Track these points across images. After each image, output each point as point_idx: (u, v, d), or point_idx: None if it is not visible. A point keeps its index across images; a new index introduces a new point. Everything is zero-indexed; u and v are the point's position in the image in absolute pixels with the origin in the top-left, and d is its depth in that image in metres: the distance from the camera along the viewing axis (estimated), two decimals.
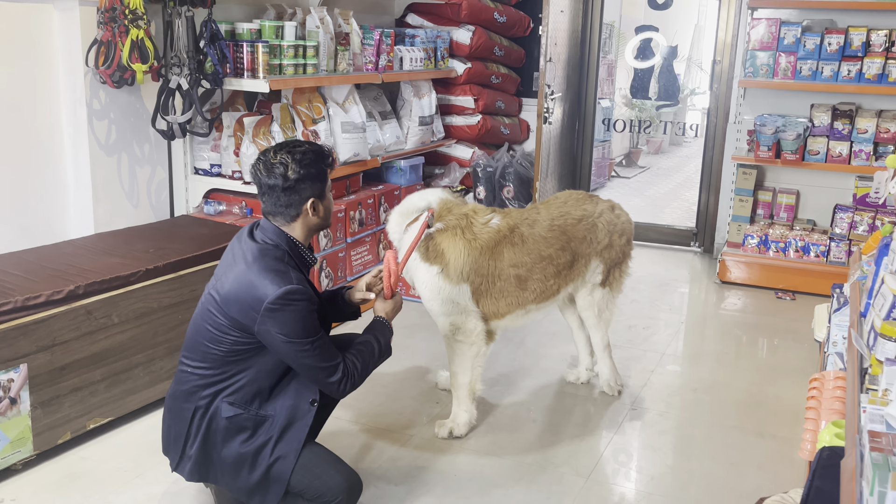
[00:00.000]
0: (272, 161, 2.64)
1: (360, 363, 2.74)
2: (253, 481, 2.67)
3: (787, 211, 5.94)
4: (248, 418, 2.67)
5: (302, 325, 2.55)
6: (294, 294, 2.54)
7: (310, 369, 2.61)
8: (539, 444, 3.49)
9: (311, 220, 2.71)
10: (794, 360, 4.48)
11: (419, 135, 5.68)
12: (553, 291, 3.64)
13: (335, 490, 2.64)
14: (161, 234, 4.03)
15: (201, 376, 2.68)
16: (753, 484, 3.21)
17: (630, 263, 3.91)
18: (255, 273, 2.58)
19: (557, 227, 3.61)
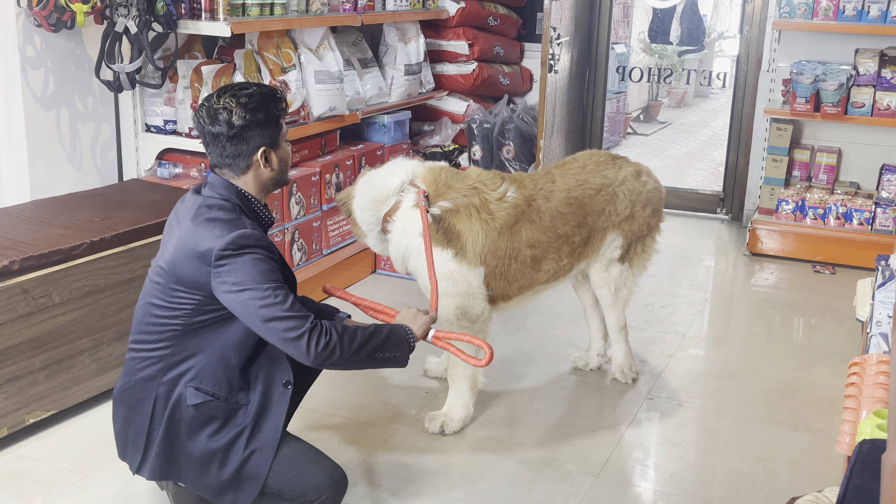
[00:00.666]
0: (215, 106, 2.62)
1: (343, 328, 2.59)
2: (224, 479, 2.68)
3: (827, 172, 5.95)
4: (218, 406, 2.67)
5: (258, 270, 2.51)
6: (246, 239, 2.52)
7: (270, 322, 2.51)
8: (542, 439, 3.52)
9: (264, 172, 2.69)
10: (833, 342, 4.52)
11: (405, 86, 5.65)
12: (565, 271, 3.67)
13: (318, 487, 2.66)
14: (108, 201, 4.02)
15: (159, 358, 2.67)
16: (785, 482, 3.25)
17: (658, 237, 3.91)
18: (199, 226, 2.57)
19: (575, 199, 3.61)
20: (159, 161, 4.49)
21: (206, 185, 2.73)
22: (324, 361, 2.57)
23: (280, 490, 2.68)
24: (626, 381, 3.99)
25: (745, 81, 6.47)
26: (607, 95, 7.18)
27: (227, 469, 2.67)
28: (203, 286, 2.58)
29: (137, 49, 4.02)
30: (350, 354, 2.60)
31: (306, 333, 2.52)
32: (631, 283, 3.88)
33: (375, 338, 2.67)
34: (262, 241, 2.57)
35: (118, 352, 3.67)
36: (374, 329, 2.69)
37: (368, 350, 2.65)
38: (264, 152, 2.67)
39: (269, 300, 2.51)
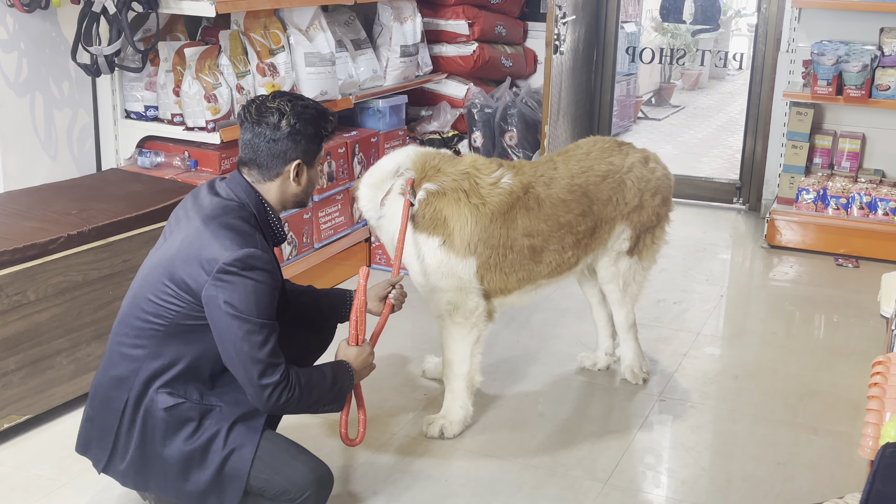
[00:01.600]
0: (269, 104, 2.74)
1: (306, 382, 2.70)
2: (204, 481, 2.71)
3: (851, 159, 5.97)
4: (192, 407, 2.71)
5: (256, 299, 2.58)
6: (256, 260, 2.59)
7: (244, 358, 2.59)
8: (547, 443, 3.54)
9: (291, 186, 2.80)
10: (856, 340, 4.54)
11: (401, 68, 5.66)
12: (570, 264, 3.67)
13: (301, 484, 2.70)
14: (86, 191, 4.03)
15: (135, 358, 2.72)
16: (804, 488, 3.28)
17: (667, 228, 3.94)
18: (212, 230, 2.63)
19: (578, 186, 3.62)
20: (140, 149, 4.50)
21: (223, 182, 2.79)
22: (272, 410, 2.70)
23: (261, 489, 2.71)
24: (637, 382, 4.01)
25: (762, 63, 6.49)
26: (616, 78, 7.20)
27: (207, 471, 2.71)
28: (195, 292, 2.63)
29: (116, 30, 4.02)
30: (302, 403, 2.73)
31: (272, 385, 2.62)
32: (640, 277, 3.91)
33: (328, 393, 2.81)
34: (270, 265, 2.64)
35: (97, 352, 3.69)
36: (330, 382, 2.81)
37: (318, 396, 2.78)
38: (298, 166, 2.77)
39: (253, 336, 2.59)
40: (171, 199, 3.98)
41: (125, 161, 4.50)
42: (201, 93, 4.24)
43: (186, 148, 4.46)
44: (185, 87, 4.25)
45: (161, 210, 3.90)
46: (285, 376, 2.64)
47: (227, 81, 4.36)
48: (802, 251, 5.78)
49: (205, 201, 2.75)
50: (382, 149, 5.44)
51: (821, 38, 5.88)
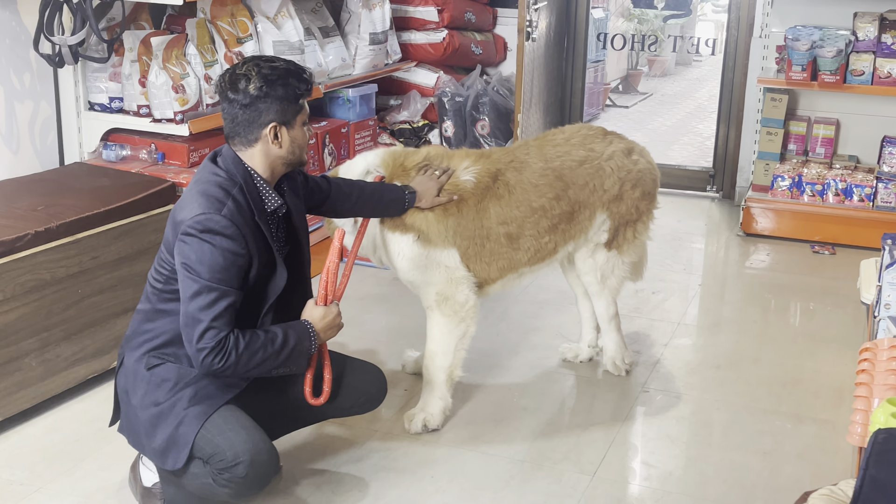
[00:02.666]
0: (238, 72, 2.83)
1: (246, 347, 2.74)
2: (162, 440, 2.82)
3: (825, 145, 6.06)
4: (171, 369, 2.86)
5: (210, 261, 2.71)
6: (214, 223, 2.71)
7: (187, 318, 2.72)
8: (532, 437, 3.57)
9: (273, 149, 2.87)
10: (836, 327, 4.62)
11: (370, 56, 5.66)
12: (549, 251, 3.69)
13: (237, 451, 2.74)
14: (50, 187, 3.99)
15: (138, 321, 2.94)
16: (791, 477, 3.34)
17: (651, 224, 3.95)
18: (192, 193, 2.81)
19: (552, 170, 3.65)
20: (104, 142, 4.46)
21: (220, 156, 2.91)
22: (210, 373, 2.79)
23: (201, 447, 2.77)
24: (619, 374, 4.05)
25: (735, 48, 6.56)
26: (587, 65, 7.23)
27: (167, 429, 2.81)
28: (171, 253, 2.81)
29: (80, 19, 3.99)
30: (242, 369, 2.77)
31: (206, 349, 2.70)
32: (620, 270, 3.92)
33: (279, 356, 2.83)
34: (229, 230, 2.73)
35: (67, 352, 3.66)
36: (280, 345, 2.83)
37: (264, 361, 2.81)
38: (274, 128, 2.85)
39: (200, 298, 2.70)
40: (139, 194, 3.96)
41: (89, 154, 4.46)
42: (169, 83, 4.21)
43: (153, 140, 4.43)
44: (152, 77, 4.22)
45: (130, 205, 3.88)
46: (222, 342, 2.70)
47: (194, 71, 4.34)
48: (778, 239, 5.86)
49: (203, 171, 2.88)
50: (353, 139, 5.44)
51: (794, 24, 5.95)
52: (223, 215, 2.72)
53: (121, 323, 3.82)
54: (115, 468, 3.26)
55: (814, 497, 2.56)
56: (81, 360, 3.73)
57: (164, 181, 4.11)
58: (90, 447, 3.41)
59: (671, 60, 12.94)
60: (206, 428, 2.78)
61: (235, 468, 2.74)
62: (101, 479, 3.20)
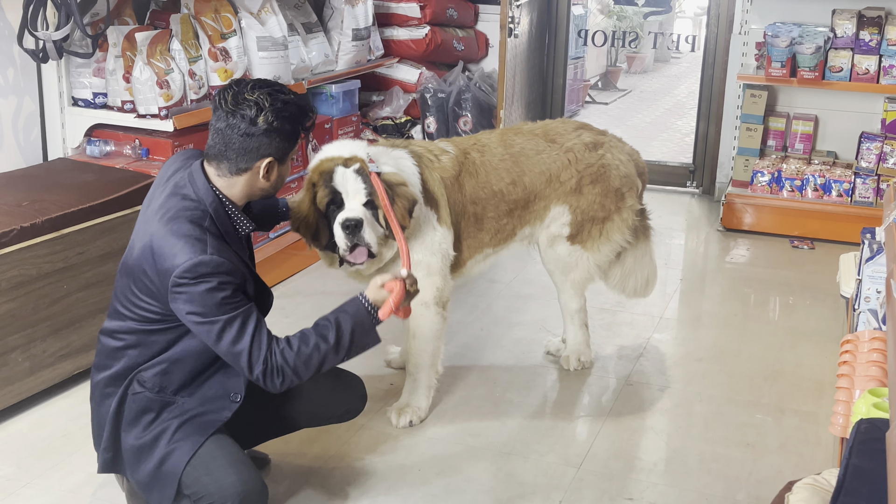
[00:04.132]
0: (247, 96, 2.66)
1: (297, 355, 2.67)
2: (146, 475, 2.76)
3: (804, 141, 6.13)
4: (153, 399, 2.77)
5: (214, 301, 2.60)
6: (204, 265, 2.59)
7: (228, 357, 2.66)
8: (518, 430, 3.61)
9: (260, 183, 2.75)
10: (816, 320, 4.68)
11: (353, 52, 5.67)
12: (508, 233, 3.75)
13: (226, 493, 2.67)
14: (34, 182, 3.98)
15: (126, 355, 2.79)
16: (774, 467, 3.39)
17: (626, 227, 3.88)
18: (166, 235, 2.64)
19: (510, 156, 3.71)
20: (88, 138, 4.45)
21: (187, 172, 2.75)
22: (282, 389, 2.70)
23: (188, 486, 2.72)
24: (569, 368, 4.05)
25: (715, 45, 6.61)
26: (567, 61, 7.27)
27: (150, 463, 2.75)
28: (163, 301, 2.67)
29: (64, 14, 3.98)
30: (305, 373, 2.70)
31: (261, 374, 2.64)
32: (586, 266, 3.90)
33: (338, 348, 2.74)
34: (222, 266, 2.61)
35: (52, 348, 3.66)
36: (335, 338, 2.72)
37: (333, 362, 2.75)
38: (269, 164, 2.72)
39: (226, 334, 2.61)
40: (123, 189, 3.95)
41: (73, 150, 4.45)
42: (153, 79, 4.21)
43: (137, 136, 4.42)
44: (137, 72, 4.21)
45: (115, 200, 3.88)
46: (267, 362, 2.63)
47: (179, 67, 4.34)
48: (758, 234, 5.92)
49: (168, 201, 2.72)
50: (336, 135, 5.45)
51: (773, 20, 6.01)
52: (210, 254, 2.59)
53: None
54: None
55: (798, 486, 2.61)
56: (67, 356, 3.73)
57: (148, 177, 4.11)
58: (77, 442, 3.41)
59: (650, 57, 13.01)
60: (192, 465, 2.71)
61: None
62: (89, 473, 3.20)
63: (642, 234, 4.06)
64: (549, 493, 3.21)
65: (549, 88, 7.14)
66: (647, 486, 3.27)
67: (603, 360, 4.20)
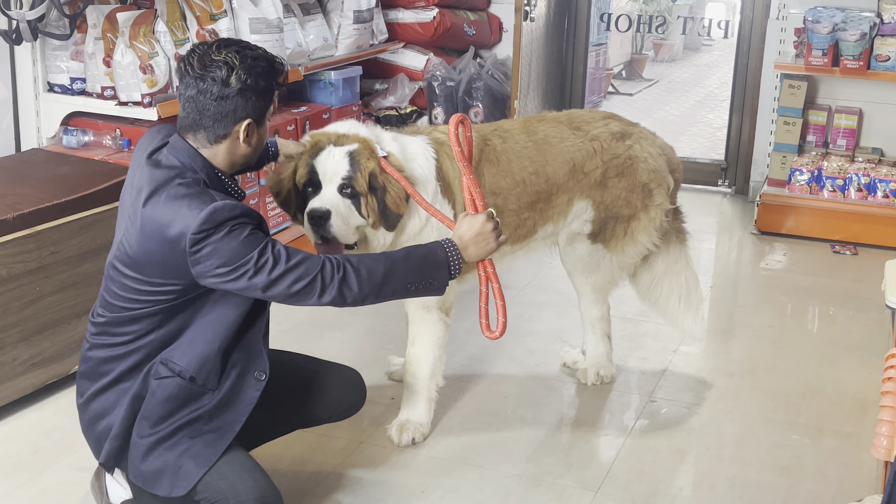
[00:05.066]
0: (214, 57, 2.68)
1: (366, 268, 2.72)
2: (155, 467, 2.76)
3: (847, 136, 6.10)
4: (181, 386, 2.76)
5: (239, 241, 2.60)
6: (220, 212, 2.60)
7: (274, 288, 2.64)
8: (531, 450, 3.59)
9: (241, 148, 2.76)
10: (859, 333, 4.66)
11: (354, 36, 5.67)
12: (528, 229, 3.72)
13: (242, 497, 2.70)
14: (6, 175, 3.98)
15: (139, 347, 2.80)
16: (812, 493, 3.36)
17: (654, 227, 3.85)
18: (163, 207, 2.64)
19: (533, 143, 3.69)
20: (65, 127, 4.46)
21: (165, 148, 2.76)
22: (345, 303, 2.74)
23: (200, 490, 2.74)
24: (587, 383, 4.03)
25: (750, 31, 6.60)
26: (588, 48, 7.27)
27: (163, 458, 2.75)
28: (182, 274, 2.65)
29: None
30: (371, 290, 2.75)
31: (313, 281, 2.66)
32: (608, 268, 3.89)
33: (402, 267, 2.79)
34: (236, 209, 2.63)
35: (24, 356, 3.66)
36: (404, 254, 2.80)
37: (395, 285, 2.79)
38: (248, 126, 2.73)
39: (262, 267, 2.62)
40: (103, 183, 3.96)
41: (48, 140, 4.46)
42: (136, 63, 4.22)
43: (118, 125, 4.44)
44: (118, 56, 4.22)
45: (93, 195, 3.88)
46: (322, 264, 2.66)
47: (164, 50, 4.34)
48: (796, 237, 5.90)
49: (143, 177, 2.72)
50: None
51: (814, 5, 5.99)
52: (221, 201, 2.61)
53: (82, 324, 3.81)
54: (76, 481, 3.26)
55: None
56: (39, 364, 3.72)
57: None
58: (49, 459, 3.41)
59: (679, 44, 13.01)
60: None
61: None
62: (62, 493, 3.20)
63: (675, 238, 4.03)
64: None
65: (568, 77, 7.13)
66: None
67: (625, 375, 4.18)
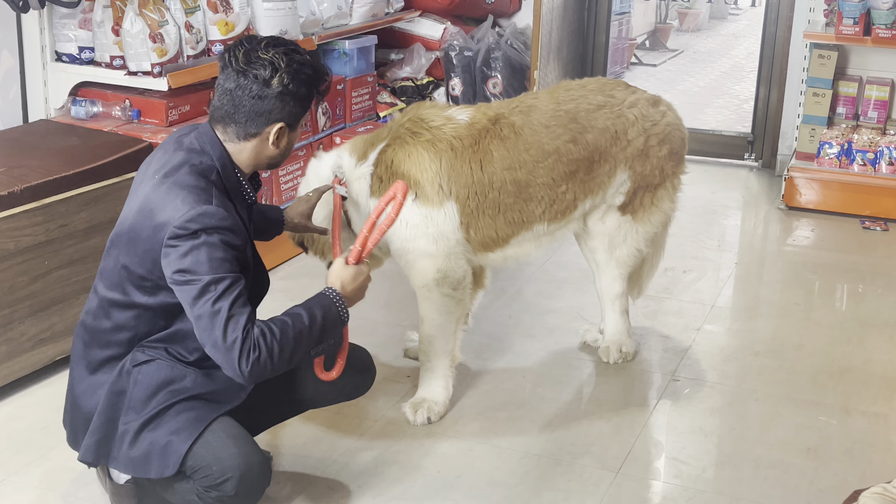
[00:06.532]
0: (261, 55, 2.71)
1: (279, 337, 2.65)
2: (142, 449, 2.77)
3: (879, 108, 6.06)
4: (161, 366, 2.78)
5: (208, 260, 2.60)
6: (209, 217, 2.62)
7: (202, 319, 2.62)
8: (550, 429, 3.60)
9: (269, 150, 2.81)
10: (889, 311, 4.64)
11: (369, 4, 5.65)
12: (568, 203, 3.68)
13: (225, 465, 2.71)
14: (13, 146, 4.00)
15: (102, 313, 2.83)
16: (839, 475, 3.36)
17: (675, 194, 3.91)
18: (165, 189, 2.68)
19: (565, 112, 3.68)
20: (73, 97, 4.47)
21: (192, 134, 2.80)
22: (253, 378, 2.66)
23: (189, 461, 2.74)
24: (609, 361, 4.04)
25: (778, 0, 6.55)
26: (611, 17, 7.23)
27: (149, 439, 2.76)
28: (154, 264, 2.69)
29: None
30: (280, 363, 2.68)
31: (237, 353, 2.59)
32: (633, 240, 3.90)
33: (310, 335, 2.73)
34: (226, 221, 2.65)
35: (32, 331, 3.69)
36: (308, 322, 2.73)
37: (297, 347, 2.71)
38: (280, 130, 2.77)
39: (209, 293, 2.60)
40: (112, 155, 3.98)
41: (56, 111, 4.47)
42: (145, 31, 4.22)
43: (128, 96, 4.44)
44: (127, 24, 4.22)
45: (102, 167, 3.90)
46: (247, 333, 2.60)
47: (174, 18, 4.34)
48: (824, 213, 5.87)
49: (166, 156, 2.78)
50: (350, 97, 5.45)
51: None
52: (215, 205, 2.64)
53: None
54: None
55: (865, 496, 2.59)
56: (49, 340, 3.75)
57: (139, 141, 4.13)
58: (58, 435, 3.40)
59: (705, 13, 12.93)
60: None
61: (224, 485, 2.72)
62: (71, 469, 3.21)
63: None
64: (583, 500, 3.21)
65: (589, 47, 7.10)
66: (694, 494, 3.26)
67: (646, 353, 4.18)
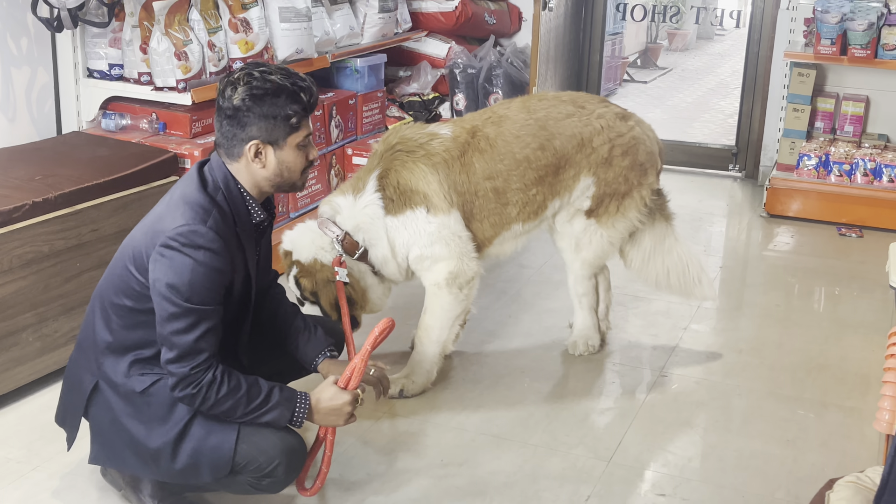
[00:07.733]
0: (232, 77, 2.71)
1: (222, 395, 2.63)
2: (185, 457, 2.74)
3: (854, 123, 6.06)
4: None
5: (189, 281, 2.58)
6: (200, 236, 2.60)
7: (164, 339, 2.62)
8: (546, 422, 3.61)
9: (255, 168, 2.75)
10: (863, 312, 4.64)
11: (379, 25, 5.66)
12: (538, 204, 3.75)
13: (271, 454, 2.72)
14: (47, 156, 4.01)
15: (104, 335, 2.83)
16: (815, 465, 3.36)
17: (643, 204, 3.91)
18: (170, 204, 2.70)
19: (535, 121, 3.73)
20: (104, 111, 4.48)
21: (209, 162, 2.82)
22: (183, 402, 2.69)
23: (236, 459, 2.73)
24: (575, 354, 4.08)
25: (761, 21, 6.55)
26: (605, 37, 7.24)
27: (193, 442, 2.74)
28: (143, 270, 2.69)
29: None
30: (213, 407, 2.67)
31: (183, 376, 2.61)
32: (599, 243, 3.91)
33: (250, 410, 2.70)
34: (215, 244, 2.62)
35: (65, 328, 3.70)
36: (260, 402, 2.70)
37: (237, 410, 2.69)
38: (255, 146, 2.71)
39: (177, 322, 2.59)
40: (139, 165, 3.98)
41: (88, 124, 4.48)
42: (171, 50, 4.23)
43: (154, 109, 4.44)
44: (154, 43, 4.23)
45: (130, 176, 3.91)
46: (198, 374, 2.61)
47: (197, 38, 4.35)
48: (803, 220, 5.87)
49: (188, 176, 2.79)
50: (361, 111, 5.46)
51: None
52: (209, 227, 2.62)
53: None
54: None
55: (839, 484, 2.58)
56: None
57: (165, 152, 4.14)
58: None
59: (693, 34, 12.92)
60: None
61: (275, 471, 2.73)
62: None
63: (661, 216, 4.08)
64: (577, 488, 3.21)
65: (584, 65, 7.10)
66: (681, 483, 3.26)
67: (636, 351, 4.19)
